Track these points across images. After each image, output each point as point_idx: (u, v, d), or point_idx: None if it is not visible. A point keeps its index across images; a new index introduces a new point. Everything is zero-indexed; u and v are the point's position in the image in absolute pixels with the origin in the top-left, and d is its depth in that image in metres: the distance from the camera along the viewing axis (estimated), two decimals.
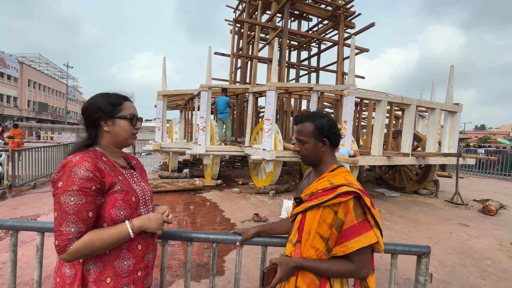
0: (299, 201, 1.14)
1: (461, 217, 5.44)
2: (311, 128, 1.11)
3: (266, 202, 5.87)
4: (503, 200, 7.12)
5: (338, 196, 1.00)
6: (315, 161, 1.16)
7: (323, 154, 1.14)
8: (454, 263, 3.31)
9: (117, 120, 1.03)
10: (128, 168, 1.12)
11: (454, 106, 6.98)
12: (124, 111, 1.05)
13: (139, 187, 1.09)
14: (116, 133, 1.04)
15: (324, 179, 1.10)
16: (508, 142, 21.45)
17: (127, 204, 0.99)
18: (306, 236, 1.05)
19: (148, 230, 1.03)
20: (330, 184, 1.05)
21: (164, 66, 8.11)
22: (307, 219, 1.06)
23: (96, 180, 0.91)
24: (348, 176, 1.10)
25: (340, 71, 10.14)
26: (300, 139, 1.14)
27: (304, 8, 9.66)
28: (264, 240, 1.43)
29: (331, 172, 1.12)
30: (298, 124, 1.16)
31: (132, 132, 1.08)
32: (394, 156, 5.81)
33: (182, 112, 13.11)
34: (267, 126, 6.18)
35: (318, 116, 1.14)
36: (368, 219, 1.01)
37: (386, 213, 5.48)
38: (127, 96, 1.12)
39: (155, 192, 6.32)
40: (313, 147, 1.12)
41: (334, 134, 1.13)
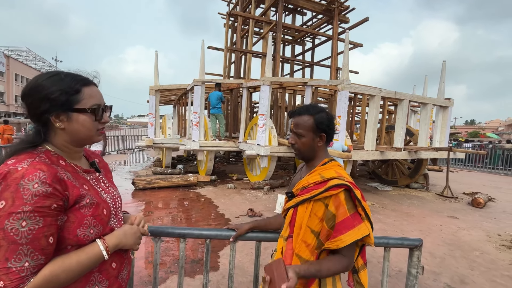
0: (291, 196, 1.13)
1: (451, 210, 5.56)
2: (310, 122, 1.09)
3: (260, 197, 5.88)
4: (491, 193, 7.31)
5: (329, 189, 0.99)
6: (309, 155, 1.14)
7: (319, 149, 1.13)
8: (444, 255, 3.39)
9: (74, 115, 0.78)
10: (92, 171, 0.90)
11: (445, 101, 7.08)
12: (84, 101, 0.79)
13: (109, 195, 0.89)
14: (73, 131, 0.79)
15: (315, 172, 1.09)
16: (496, 137, 21.99)
17: (98, 220, 0.79)
18: (297, 231, 1.05)
19: (125, 247, 0.86)
20: (321, 177, 1.04)
21: (156, 60, 7.95)
22: (298, 214, 1.05)
23: (57, 195, 0.68)
24: (339, 170, 1.10)
25: (334, 66, 10.14)
26: (297, 132, 1.11)
27: (298, 1, 9.57)
28: (258, 236, 1.42)
29: (322, 166, 1.11)
30: (295, 117, 1.13)
31: (97, 128, 0.83)
32: (387, 151, 5.88)
33: (175, 107, 12.93)
34: (261, 121, 6.15)
35: (317, 109, 1.11)
36: (359, 212, 1.01)
37: (379, 206, 5.56)
38: (87, 79, 0.83)
39: (149, 188, 6.26)
40: (310, 142, 1.10)
41: (332, 129, 1.12)
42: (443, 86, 7.11)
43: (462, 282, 2.78)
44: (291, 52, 12.92)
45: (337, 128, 5.49)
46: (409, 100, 6.37)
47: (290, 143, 1.15)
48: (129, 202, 5.28)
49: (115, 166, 9.90)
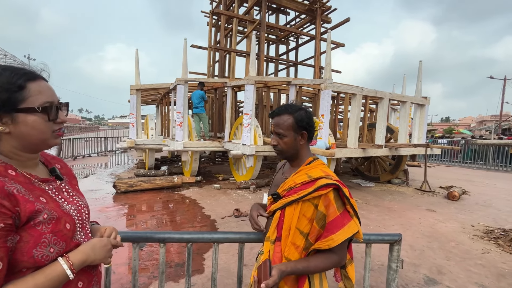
0: (277, 197, 1.11)
1: (429, 203, 5.82)
2: (290, 121, 1.08)
3: (247, 197, 5.86)
4: (465, 186, 7.73)
5: (318, 189, 0.99)
6: (292, 155, 1.14)
7: (301, 148, 1.13)
8: (423, 247, 3.54)
9: (20, 116, 0.67)
10: (52, 180, 0.78)
11: (422, 99, 7.39)
12: (31, 99, 0.68)
13: (73, 205, 0.78)
14: (22, 135, 0.68)
15: (302, 172, 1.09)
16: (469, 133, 23.33)
17: (60, 236, 0.69)
18: (286, 233, 1.03)
19: (94, 262, 0.76)
20: (309, 177, 1.04)
21: (137, 59, 7.70)
22: (286, 215, 1.04)
23: (4, 213, 0.59)
24: (325, 168, 1.10)
25: (317, 65, 10.29)
26: (278, 132, 1.10)
27: (281, 1, 9.62)
28: (241, 237, 1.40)
29: (308, 165, 1.11)
30: (275, 117, 1.12)
31: (52, 130, 0.73)
32: (369, 148, 6.04)
33: (158, 107, 12.61)
34: (247, 121, 6.12)
35: (296, 108, 1.11)
36: (348, 209, 1.02)
37: (362, 202, 5.71)
38: (33, 72, 0.71)
39: (131, 191, 6.06)
40: (292, 141, 1.10)
41: (312, 126, 1.12)
42: (420, 85, 7.41)
43: (439, 272, 2.91)
44: (275, 51, 12.97)
45: (320, 126, 5.57)
46: (389, 99, 6.58)
47: (272, 144, 1.14)
48: (110, 206, 5.08)
49: (95, 169, 9.50)
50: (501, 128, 23.02)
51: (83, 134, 29.17)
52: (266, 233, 1.14)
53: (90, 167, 9.72)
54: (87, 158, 12.55)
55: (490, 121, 39.41)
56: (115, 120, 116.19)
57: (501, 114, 23.35)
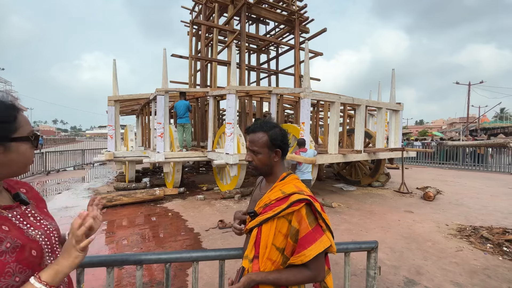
0: (254, 215, 1.12)
1: (407, 205, 6.07)
2: (264, 139, 1.11)
3: (231, 207, 5.80)
4: (439, 186, 8.17)
5: (291, 205, 1.01)
6: (266, 171, 1.16)
7: (275, 164, 1.15)
8: (402, 248, 3.67)
9: (13, 145, 0.70)
10: (16, 206, 0.77)
11: (396, 105, 7.79)
12: (22, 129, 0.72)
13: (41, 230, 0.77)
14: (11, 162, 0.70)
15: (276, 188, 1.11)
16: (441, 135, 24.80)
17: (25, 264, 0.67)
18: (263, 251, 1.04)
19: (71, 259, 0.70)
20: (282, 193, 1.07)
21: (115, 69, 7.51)
22: (263, 233, 1.05)
23: None
24: (298, 183, 1.13)
25: (297, 74, 10.57)
26: (253, 149, 1.13)
27: (260, 12, 9.85)
28: (221, 254, 1.39)
29: (282, 181, 1.13)
30: (250, 134, 1.15)
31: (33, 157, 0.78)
32: (348, 154, 6.24)
33: (138, 117, 12.28)
34: (229, 130, 6.12)
35: (270, 126, 1.14)
36: (320, 224, 1.04)
37: (344, 207, 5.85)
38: (18, 104, 0.76)
39: (110, 206, 5.79)
40: (266, 158, 1.12)
41: (286, 144, 1.16)
42: (394, 92, 7.82)
43: (418, 273, 3.02)
44: (256, 60, 13.18)
45: (302, 134, 5.69)
46: (366, 105, 6.88)
47: (247, 160, 1.16)
48: None
49: (71, 184, 9.00)
50: (469, 130, 24.71)
51: (58, 147, 27.63)
52: (244, 251, 1.14)
53: (65, 182, 9.19)
54: (62, 173, 11.87)
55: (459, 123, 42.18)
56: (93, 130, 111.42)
57: (468, 117, 25.10)
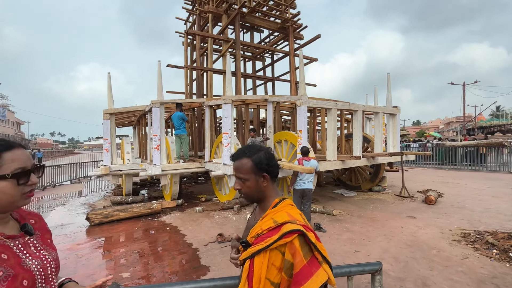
0: (246, 245, 1.05)
1: (409, 210, 5.99)
2: (249, 164, 1.07)
3: (230, 218, 5.69)
4: (440, 188, 8.10)
5: (283, 236, 0.95)
6: (258, 198, 1.11)
7: (266, 189, 1.10)
8: (407, 258, 3.57)
9: None
10: (19, 236, 0.83)
11: (393, 109, 7.77)
12: (4, 167, 0.76)
13: (38, 260, 0.83)
14: None
15: (268, 217, 1.05)
16: (438, 135, 24.86)
17: None
18: (256, 286, 0.97)
19: None
20: (274, 222, 1.00)
21: (109, 82, 7.46)
22: (255, 266, 0.98)
23: None
24: (291, 210, 1.07)
25: (293, 80, 10.59)
26: (239, 177, 1.09)
27: (254, 20, 9.91)
28: (216, 285, 1.31)
29: (274, 208, 1.08)
30: (235, 161, 1.12)
31: (22, 192, 0.80)
32: (347, 160, 6.18)
33: (135, 128, 12.22)
34: (226, 140, 6.06)
35: (254, 150, 1.11)
36: (316, 256, 0.97)
37: (346, 214, 5.75)
38: (9, 143, 0.81)
39: (107, 222, 5.67)
40: (255, 184, 1.08)
41: (273, 166, 1.11)
42: (390, 96, 7.82)
43: (424, 284, 2.92)
44: (252, 68, 13.22)
45: (299, 141, 5.63)
46: (363, 110, 6.85)
47: (235, 189, 1.12)
48: (82, 242, 4.69)
49: (67, 199, 8.84)
50: (466, 129, 24.81)
51: (55, 160, 27.37)
52: (238, 284, 1.07)
53: (61, 198, 9.03)
54: (59, 187, 11.70)
55: (455, 123, 42.41)
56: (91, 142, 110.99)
57: (464, 116, 25.25)
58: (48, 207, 7.60)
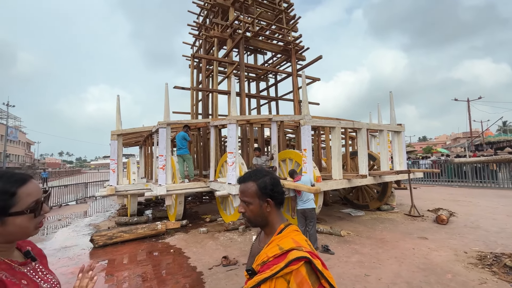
0: (252, 273, 1.04)
1: (420, 230, 5.77)
2: (254, 188, 1.09)
3: (235, 240, 5.57)
4: (452, 207, 7.84)
5: (289, 264, 0.93)
6: (261, 223, 1.11)
7: (269, 215, 1.11)
8: (421, 283, 3.40)
9: (9, 219, 0.77)
10: (28, 262, 0.87)
11: (398, 126, 7.77)
12: (21, 203, 0.78)
13: (48, 284, 0.87)
14: (9, 233, 0.79)
15: (273, 243, 1.05)
16: (446, 151, 24.47)
17: None
18: None
19: None
20: (280, 249, 1.00)
21: (118, 104, 7.72)
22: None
23: None
24: (297, 237, 1.06)
25: (296, 99, 10.77)
26: (244, 200, 1.10)
27: (257, 44, 10.32)
28: None
29: (279, 234, 1.07)
30: (241, 184, 1.13)
31: (36, 223, 0.83)
32: (354, 178, 6.10)
33: (141, 148, 12.40)
34: (231, 159, 6.09)
35: (260, 175, 1.12)
36: (323, 284, 0.95)
37: (354, 235, 5.57)
38: (23, 177, 0.82)
39: (111, 244, 5.60)
40: (258, 208, 1.09)
41: (278, 192, 1.12)
42: (394, 114, 7.85)
43: None
44: (256, 87, 13.56)
45: (304, 160, 5.62)
46: (367, 129, 6.87)
47: (239, 211, 1.13)
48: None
49: (72, 220, 8.82)
50: (474, 145, 24.41)
51: (62, 180, 27.62)
52: None
53: (66, 218, 9.02)
54: (64, 208, 11.70)
55: (463, 138, 41.85)
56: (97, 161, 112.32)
57: (471, 132, 24.95)
58: (53, 228, 7.57)
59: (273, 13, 11.08)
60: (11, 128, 43.44)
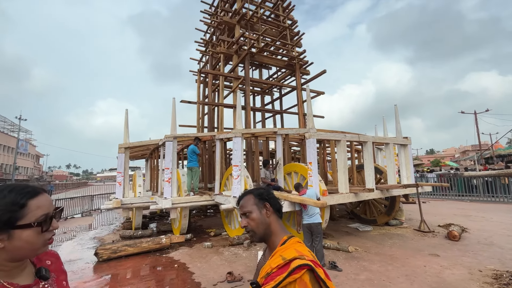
0: (256, 286, 1.04)
1: (430, 247, 5.58)
2: (251, 198, 1.16)
3: (240, 255, 5.46)
4: (463, 223, 7.59)
5: (292, 272, 0.94)
6: (265, 233, 1.13)
7: (271, 222, 1.13)
8: None
9: (16, 232, 0.72)
10: (35, 283, 0.81)
11: (404, 139, 7.71)
12: (30, 215, 0.74)
13: None
14: (16, 248, 0.73)
15: (277, 254, 1.06)
16: (455, 165, 23.98)
17: None
18: None
19: None
20: (283, 259, 1.01)
21: (127, 119, 7.90)
22: None
23: None
24: (300, 247, 1.07)
25: (301, 112, 10.86)
26: (244, 212, 1.15)
27: (262, 59, 10.59)
28: None
29: (282, 246, 1.08)
30: (240, 201, 1.20)
31: (44, 239, 0.78)
32: (360, 192, 6.01)
33: (147, 161, 12.53)
34: (236, 173, 6.09)
35: (255, 189, 1.23)
36: None
37: (362, 251, 5.42)
38: (35, 189, 0.80)
39: (115, 258, 5.55)
40: (259, 216, 1.12)
41: (273, 198, 1.19)
42: (399, 127, 7.82)
43: None
44: (261, 101, 13.74)
45: (310, 174, 5.59)
46: (372, 142, 6.84)
47: (242, 226, 1.16)
48: (89, 280, 4.57)
49: (77, 233, 8.82)
50: (484, 158, 23.89)
51: (69, 192, 27.85)
52: None
53: (71, 231, 9.03)
54: (70, 220, 11.75)
55: (472, 151, 41.03)
56: (104, 173, 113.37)
57: (480, 145, 24.51)
58: (58, 241, 7.57)
59: (277, 29, 11.42)
60: (22, 140, 44.52)
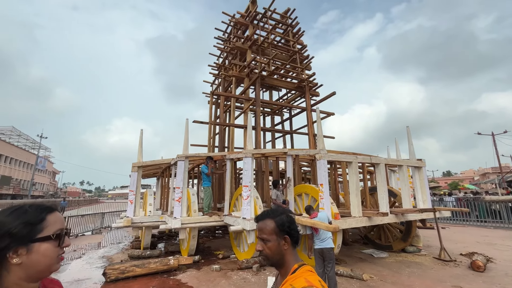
0: None
1: (453, 277, 5.21)
2: (272, 225, 1.13)
3: (249, 280, 5.28)
4: (488, 251, 7.08)
5: None
6: (278, 261, 1.13)
7: (286, 253, 1.13)
8: None
9: (35, 245, 0.75)
10: None
11: (418, 161, 7.52)
12: (48, 228, 0.78)
13: None
14: (33, 263, 0.74)
15: (287, 284, 1.06)
16: (474, 187, 22.83)
17: None
18: None
19: None
20: None
21: (141, 138, 8.18)
22: None
23: None
24: (310, 276, 1.07)
25: (311, 133, 10.90)
26: (262, 237, 1.14)
27: (273, 82, 10.91)
28: None
29: (293, 274, 1.09)
30: (259, 222, 1.18)
31: (58, 254, 0.80)
32: (374, 216, 5.80)
33: (158, 179, 12.69)
34: (246, 193, 6.07)
35: (277, 213, 1.18)
36: None
37: (378, 280, 5.12)
38: (52, 206, 0.85)
39: (123, 279, 5.49)
40: (276, 246, 1.12)
41: (295, 230, 1.16)
42: (412, 148, 7.67)
43: None
44: (271, 122, 13.95)
45: (321, 196, 5.49)
46: (385, 164, 6.71)
47: (257, 250, 1.16)
48: None
49: (87, 251, 8.83)
50: (506, 181, 22.67)
51: (80, 208, 28.27)
52: None
53: (81, 249, 9.05)
54: (80, 238, 11.82)
55: (492, 174, 39.09)
56: (115, 191, 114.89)
57: (501, 167, 23.39)
58: (68, 259, 7.59)
59: (287, 54, 11.86)
60: (41, 158, 46.38)
